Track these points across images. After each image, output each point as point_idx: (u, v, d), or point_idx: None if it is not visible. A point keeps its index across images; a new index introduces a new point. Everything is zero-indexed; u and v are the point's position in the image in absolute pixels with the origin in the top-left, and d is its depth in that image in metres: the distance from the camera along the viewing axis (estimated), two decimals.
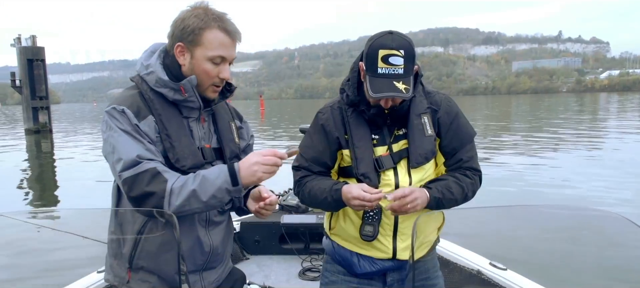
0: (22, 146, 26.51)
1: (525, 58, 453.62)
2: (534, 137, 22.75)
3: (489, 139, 22.34)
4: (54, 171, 17.52)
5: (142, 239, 1.75)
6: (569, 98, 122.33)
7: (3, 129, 44.16)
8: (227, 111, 2.01)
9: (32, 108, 39.16)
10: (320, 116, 2.11)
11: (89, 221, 2.33)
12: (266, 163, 1.67)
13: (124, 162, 1.62)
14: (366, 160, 1.97)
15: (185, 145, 1.75)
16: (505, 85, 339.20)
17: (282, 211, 4.07)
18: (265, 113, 58.60)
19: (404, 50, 1.83)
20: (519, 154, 16.59)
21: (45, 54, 42.04)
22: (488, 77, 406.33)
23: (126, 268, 1.78)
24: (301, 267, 3.74)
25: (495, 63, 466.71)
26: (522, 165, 14.14)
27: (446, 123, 2.04)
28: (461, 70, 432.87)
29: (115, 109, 1.68)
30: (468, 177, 2.04)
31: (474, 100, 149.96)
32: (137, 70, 1.81)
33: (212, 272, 1.93)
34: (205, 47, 1.71)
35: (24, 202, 11.62)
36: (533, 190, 10.59)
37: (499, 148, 18.33)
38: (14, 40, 42.46)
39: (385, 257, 2.05)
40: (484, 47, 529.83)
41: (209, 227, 1.86)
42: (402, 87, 1.83)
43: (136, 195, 1.62)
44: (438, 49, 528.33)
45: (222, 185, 1.64)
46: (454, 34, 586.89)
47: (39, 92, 39.99)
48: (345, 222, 2.09)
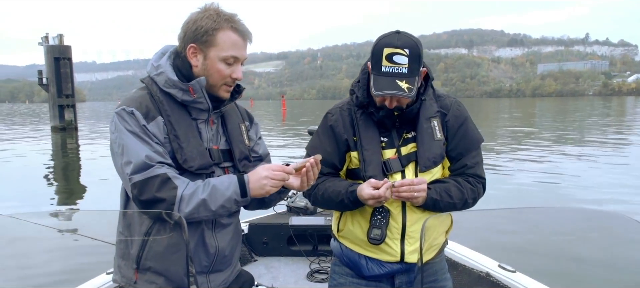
0: (48, 143, 26.96)
1: (551, 60, 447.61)
2: (557, 140, 22.42)
3: (509, 140, 22.10)
4: (79, 168, 17.76)
5: (150, 240, 1.76)
6: (595, 101, 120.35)
7: (30, 126, 44.88)
8: (236, 113, 2.01)
9: (58, 106, 39.77)
10: (329, 117, 2.11)
11: (98, 222, 2.35)
12: (275, 177, 1.69)
13: (133, 165, 1.63)
14: (374, 163, 1.97)
15: (194, 146, 1.75)
16: (529, 87, 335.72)
17: (290, 213, 4.08)
18: (286, 113, 58.73)
19: (409, 49, 1.83)
20: (542, 158, 16.37)
21: (71, 52, 42.69)
22: (512, 80, 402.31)
23: (133, 269, 1.79)
24: (309, 269, 3.74)
25: (520, 65, 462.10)
26: (544, 169, 13.99)
27: (454, 127, 2.03)
28: (485, 72, 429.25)
29: (124, 110, 1.69)
30: (470, 184, 2.02)
31: (497, 102, 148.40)
32: (147, 71, 1.83)
33: (219, 275, 1.93)
34: (219, 47, 1.72)
35: (49, 198, 11.84)
36: (555, 195, 10.46)
37: (520, 152, 18.12)
38: (42, 38, 43.22)
39: (393, 260, 2.04)
40: (509, 49, 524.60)
41: (215, 230, 1.86)
42: (404, 86, 1.82)
43: (145, 200, 1.63)
44: (462, 51, 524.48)
45: (231, 196, 1.67)
46: (479, 35, 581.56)
47: (65, 90, 40.62)
48: (353, 225, 2.08)
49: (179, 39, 1.79)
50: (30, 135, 32.02)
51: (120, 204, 1.85)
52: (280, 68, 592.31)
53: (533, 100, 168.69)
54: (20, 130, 37.36)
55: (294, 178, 1.77)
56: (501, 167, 14.00)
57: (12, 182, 13.92)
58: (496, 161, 15.12)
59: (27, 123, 50.78)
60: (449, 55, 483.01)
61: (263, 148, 2.07)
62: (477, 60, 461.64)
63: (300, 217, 3.95)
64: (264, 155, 2.05)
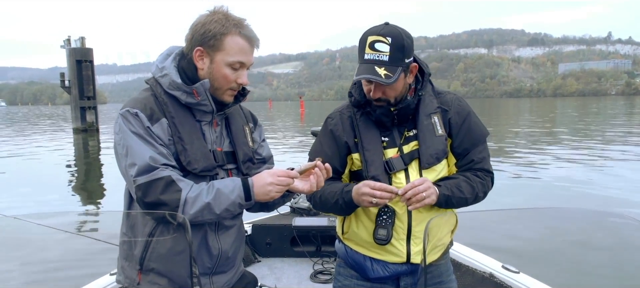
0: (70, 144, 27.34)
1: (572, 60, 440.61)
2: (579, 141, 22.12)
3: (529, 140, 21.87)
4: (100, 169, 17.93)
5: (153, 241, 1.75)
6: (617, 101, 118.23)
7: (52, 127, 45.55)
8: (240, 115, 2.01)
9: (80, 108, 40.39)
10: (329, 121, 2.11)
11: (102, 223, 2.38)
12: (280, 183, 1.69)
13: (138, 167, 1.63)
14: (376, 162, 1.96)
15: (197, 148, 1.75)
16: (551, 87, 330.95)
17: (293, 214, 4.10)
18: (305, 114, 58.72)
19: (392, 38, 1.83)
20: (562, 159, 16.18)
21: (93, 55, 43.32)
22: (533, 79, 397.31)
23: (137, 270, 1.79)
24: (312, 270, 3.74)
25: (540, 65, 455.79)
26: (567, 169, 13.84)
27: (457, 123, 2.02)
28: (505, 72, 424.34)
29: (129, 111, 1.70)
30: (479, 177, 2.02)
31: (517, 102, 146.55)
32: (152, 72, 1.83)
33: (222, 276, 1.93)
34: (226, 52, 1.72)
35: (70, 199, 12.05)
36: (574, 194, 10.34)
37: (539, 153, 17.93)
38: (64, 41, 43.90)
39: (399, 261, 2.02)
40: (530, 49, 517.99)
41: (218, 232, 1.86)
42: (382, 72, 1.82)
43: (149, 202, 1.62)
44: (482, 51, 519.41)
45: (235, 199, 1.67)
46: (499, 35, 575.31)
47: (87, 92, 41.23)
48: (358, 227, 2.06)
49: (186, 40, 1.79)
50: (51, 137, 32.46)
51: (124, 205, 1.85)
52: (299, 69, 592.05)
53: (554, 100, 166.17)
54: (43, 132, 37.89)
55: (300, 181, 1.77)
56: (524, 166, 13.94)
57: (33, 182, 14.16)
58: (518, 160, 15.05)
59: (49, 124, 51.45)
60: (468, 55, 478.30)
61: (267, 151, 2.07)
62: (497, 60, 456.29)
63: (304, 217, 3.96)
64: (267, 157, 2.05)
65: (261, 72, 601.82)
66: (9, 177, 15.57)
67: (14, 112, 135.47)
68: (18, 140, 29.60)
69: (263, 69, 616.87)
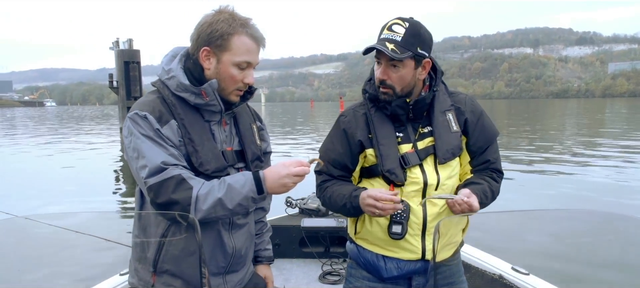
0: (117, 144, 28.04)
1: (622, 59, 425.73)
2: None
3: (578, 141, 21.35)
4: None
5: (166, 243, 1.75)
6: None
7: (100, 126, 46.89)
8: (247, 113, 2.01)
9: (127, 108, 41.25)
10: (342, 119, 2.11)
11: (113, 224, 2.46)
12: (297, 174, 1.68)
13: (149, 168, 1.63)
14: (392, 157, 1.95)
15: (208, 149, 1.75)
16: (599, 88, 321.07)
17: (302, 214, 4.07)
18: None
19: (409, 24, 1.88)
20: (609, 164, 15.82)
21: (140, 56, 44.45)
22: (581, 80, 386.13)
23: (151, 272, 1.79)
24: (321, 271, 3.71)
25: (589, 64, 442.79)
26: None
27: (473, 121, 2.04)
28: (551, 72, 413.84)
29: (138, 114, 1.69)
30: (495, 180, 2.05)
31: (564, 103, 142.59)
32: (158, 75, 1.81)
33: (235, 275, 1.93)
34: (233, 52, 1.71)
35: (117, 197, 12.42)
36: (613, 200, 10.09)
37: (589, 155, 17.56)
38: (113, 43, 45.22)
39: (414, 258, 2.00)
40: (578, 48, 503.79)
41: (232, 230, 1.86)
42: (390, 47, 1.85)
43: (162, 202, 1.62)
44: (527, 50, 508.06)
45: (247, 193, 1.66)
46: (545, 34, 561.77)
47: (134, 92, 42.23)
48: (372, 225, 2.04)
49: (191, 40, 1.77)
50: (99, 136, 33.43)
51: (136, 207, 1.85)
52: (340, 69, 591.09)
53: (603, 101, 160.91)
54: (91, 131, 39.04)
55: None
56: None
57: (80, 181, 14.63)
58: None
59: (97, 123, 52.87)
60: (513, 55, 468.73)
61: (266, 147, 2.07)
62: (543, 60, 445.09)
63: (312, 218, 3.91)
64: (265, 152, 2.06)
65: (302, 72, 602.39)
66: (57, 174, 16.13)
67: (63, 111, 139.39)
68: (67, 138, 30.72)
69: (304, 70, 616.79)
